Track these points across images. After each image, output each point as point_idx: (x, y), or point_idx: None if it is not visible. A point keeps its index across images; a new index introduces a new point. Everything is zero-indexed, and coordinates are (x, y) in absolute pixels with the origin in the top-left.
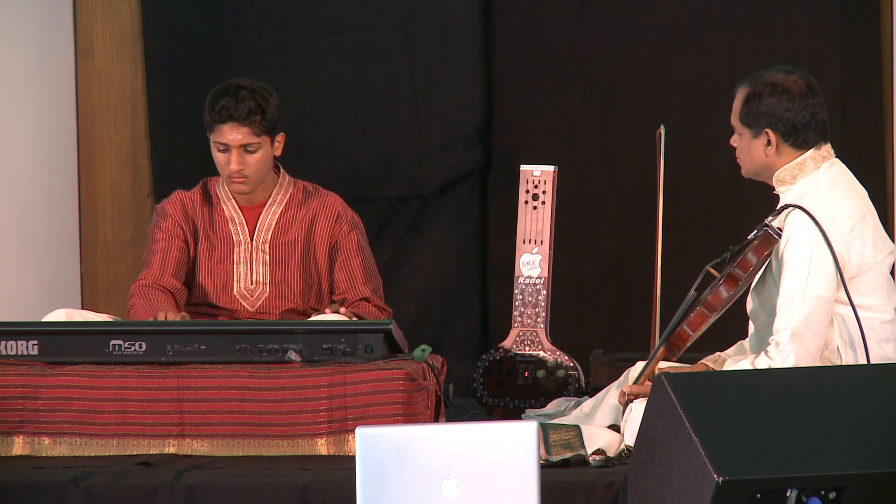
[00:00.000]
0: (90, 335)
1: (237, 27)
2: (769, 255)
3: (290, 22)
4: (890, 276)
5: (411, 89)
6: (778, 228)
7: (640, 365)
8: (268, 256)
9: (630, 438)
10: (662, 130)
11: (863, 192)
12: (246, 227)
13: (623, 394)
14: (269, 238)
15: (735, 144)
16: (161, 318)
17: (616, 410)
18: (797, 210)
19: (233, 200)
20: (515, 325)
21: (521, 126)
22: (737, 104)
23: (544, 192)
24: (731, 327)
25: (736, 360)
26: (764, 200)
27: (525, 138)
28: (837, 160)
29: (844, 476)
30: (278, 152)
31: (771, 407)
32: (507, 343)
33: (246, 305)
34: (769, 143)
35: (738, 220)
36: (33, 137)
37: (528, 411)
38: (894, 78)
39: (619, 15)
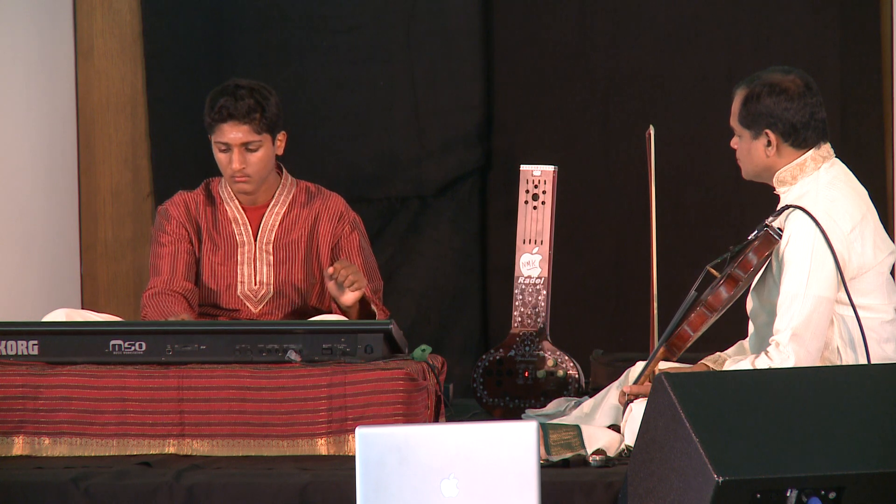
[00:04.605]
0: (90, 335)
1: (237, 27)
2: (770, 255)
3: (291, 22)
4: (890, 277)
5: (411, 89)
6: (778, 229)
7: (640, 365)
8: (271, 257)
9: (630, 438)
10: (652, 131)
11: (863, 193)
12: (249, 227)
13: (623, 394)
14: (272, 238)
15: (735, 146)
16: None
17: (616, 410)
18: (798, 211)
19: (236, 201)
20: (515, 325)
21: (521, 126)
22: (735, 106)
23: (544, 192)
24: (731, 327)
25: (736, 360)
26: (764, 201)
27: (525, 138)
28: (838, 160)
29: (844, 476)
30: (280, 151)
31: (771, 407)
32: (507, 343)
33: (250, 306)
34: (769, 143)
35: (738, 220)
36: (33, 137)
37: (528, 411)
38: (894, 78)
39: (619, 15)
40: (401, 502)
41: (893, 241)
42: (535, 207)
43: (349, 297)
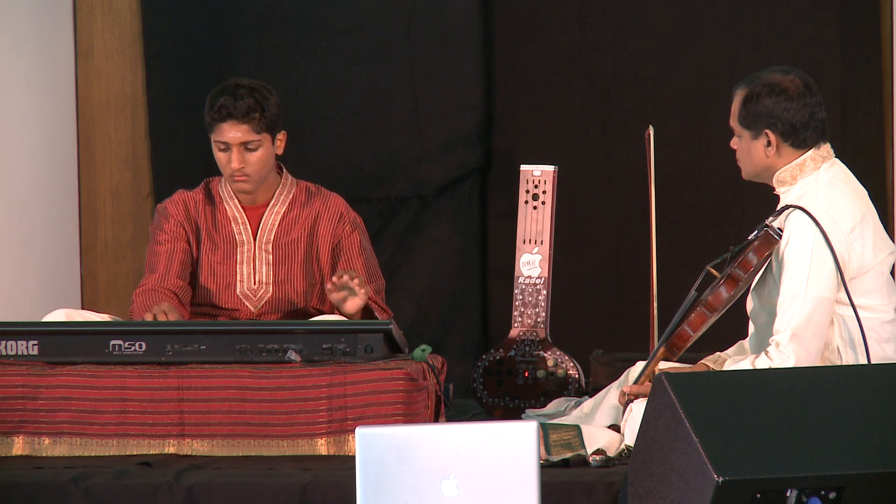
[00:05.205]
0: (90, 335)
1: (237, 27)
2: (770, 255)
3: (290, 22)
4: (890, 277)
5: (411, 89)
6: (778, 229)
7: (640, 365)
8: (271, 256)
9: (630, 438)
10: (651, 131)
11: (863, 193)
12: (249, 227)
13: (623, 394)
14: (272, 238)
15: (735, 147)
16: (148, 317)
17: (616, 410)
18: (798, 211)
19: (235, 200)
20: (515, 325)
21: (521, 126)
22: (735, 106)
23: (544, 192)
24: (731, 327)
25: (736, 360)
26: (764, 201)
27: (525, 138)
28: (837, 160)
29: (844, 476)
30: (280, 151)
31: (771, 407)
32: (507, 343)
33: (249, 306)
34: (769, 143)
35: (738, 220)
36: (33, 137)
37: (528, 411)
38: (894, 78)
39: (619, 15)
40: (401, 502)
41: (893, 241)
42: (535, 207)
43: (352, 306)
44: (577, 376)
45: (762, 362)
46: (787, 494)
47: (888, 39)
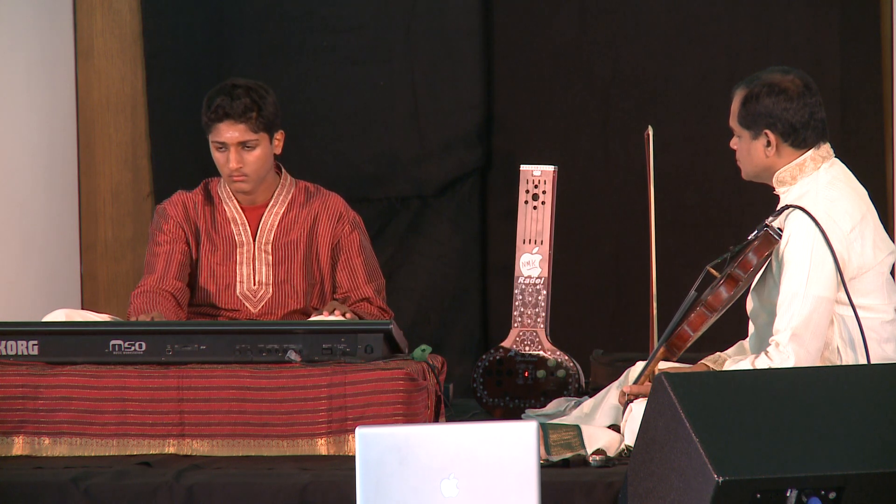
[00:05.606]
0: (90, 335)
1: (237, 27)
2: (769, 255)
3: (290, 22)
4: (890, 277)
5: (411, 89)
6: (778, 229)
7: (640, 365)
8: (270, 257)
9: (630, 438)
10: (650, 131)
11: (863, 193)
12: (248, 227)
13: (623, 394)
14: (271, 238)
15: (735, 147)
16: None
17: (616, 410)
18: (798, 211)
19: (234, 201)
20: (515, 325)
21: (521, 126)
22: (735, 106)
23: (544, 192)
24: (731, 327)
25: (736, 360)
26: (764, 201)
27: (525, 138)
28: (837, 160)
29: (844, 476)
30: (278, 150)
31: (771, 407)
32: (507, 343)
33: (249, 307)
34: (769, 143)
35: (738, 220)
36: (33, 137)
37: (528, 411)
38: (894, 78)
39: (619, 15)
40: (401, 502)
41: (893, 241)
42: (535, 207)
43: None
44: (577, 376)
45: (762, 362)
46: (787, 494)
47: (888, 39)
